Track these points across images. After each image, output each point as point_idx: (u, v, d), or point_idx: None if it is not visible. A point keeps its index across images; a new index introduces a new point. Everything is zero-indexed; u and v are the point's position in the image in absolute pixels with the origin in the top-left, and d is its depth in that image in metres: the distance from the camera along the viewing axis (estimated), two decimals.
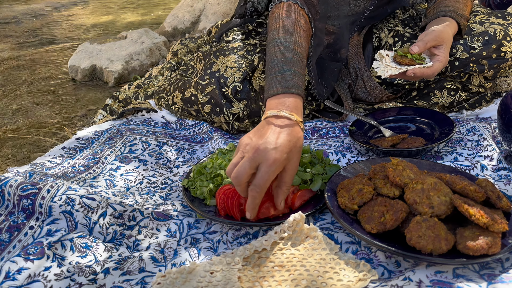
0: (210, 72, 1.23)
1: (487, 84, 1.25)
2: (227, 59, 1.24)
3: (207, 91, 1.22)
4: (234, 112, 1.20)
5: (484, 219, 0.68)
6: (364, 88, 1.29)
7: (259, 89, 1.22)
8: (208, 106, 1.23)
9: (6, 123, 1.59)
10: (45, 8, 3.70)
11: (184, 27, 2.51)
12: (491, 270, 0.68)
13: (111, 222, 0.87)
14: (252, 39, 1.31)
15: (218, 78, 1.21)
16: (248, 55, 1.24)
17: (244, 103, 1.20)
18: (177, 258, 0.81)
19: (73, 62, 2.02)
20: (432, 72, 1.04)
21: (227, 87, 1.20)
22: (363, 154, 1.10)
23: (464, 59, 1.19)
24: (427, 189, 0.74)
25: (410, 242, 0.69)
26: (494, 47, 1.17)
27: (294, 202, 0.88)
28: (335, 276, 0.69)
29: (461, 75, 1.22)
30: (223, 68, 1.22)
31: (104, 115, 1.48)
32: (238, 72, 1.20)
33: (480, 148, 1.03)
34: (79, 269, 0.76)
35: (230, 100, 1.20)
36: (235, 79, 1.19)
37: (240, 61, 1.23)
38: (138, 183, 1.06)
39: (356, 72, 1.30)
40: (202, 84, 1.23)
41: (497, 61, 1.19)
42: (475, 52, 1.18)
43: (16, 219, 0.87)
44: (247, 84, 1.21)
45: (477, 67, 1.19)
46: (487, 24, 1.20)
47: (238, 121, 1.22)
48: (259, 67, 1.22)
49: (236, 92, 1.19)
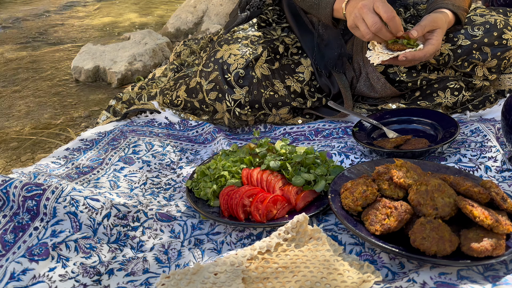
0: (214, 59, 1.26)
1: (491, 76, 1.25)
2: (231, 47, 1.26)
3: (211, 78, 1.24)
4: (235, 98, 1.21)
5: (489, 220, 0.68)
6: (368, 82, 1.30)
7: (261, 77, 1.23)
8: (213, 93, 1.24)
9: (10, 124, 1.59)
10: (48, 9, 3.71)
11: (187, 28, 2.51)
12: (496, 272, 0.68)
13: (115, 223, 0.87)
14: (256, 32, 1.34)
15: (221, 64, 1.23)
16: (252, 45, 1.27)
17: (246, 89, 1.21)
18: (181, 259, 0.82)
19: (76, 63, 2.02)
20: (423, 54, 1.05)
21: (230, 73, 1.22)
22: (366, 155, 1.10)
23: (466, 46, 1.20)
24: (431, 191, 0.74)
25: (414, 243, 0.69)
26: (496, 34, 1.19)
27: (298, 203, 0.88)
28: (339, 278, 0.69)
29: (465, 65, 1.22)
30: (227, 55, 1.24)
31: (108, 116, 1.48)
32: (241, 59, 1.23)
33: (484, 149, 1.02)
34: (83, 270, 0.76)
35: (232, 86, 1.21)
36: (238, 65, 1.22)
37: (244, 49, 1.26)
38: (141, 184, 1.06)
39: (360, 67, 1.31)
40: (206, 71, 1.26)
41: (499, 49, 1.20)
42: (477, 39, 1.20)
43: (21, 220, 0.87)
44: (249, 71, 1.23)
45: (480, 55, 1.21)
46: (488, 16, 1.22)
47: (240, 108, 1.23)
48: (262, 56, 1.25)
49: (238, 78, 1.21)
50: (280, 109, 1.26)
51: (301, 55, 1.34)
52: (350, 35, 1.33)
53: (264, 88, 1.23)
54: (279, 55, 1.30)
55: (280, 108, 1.26)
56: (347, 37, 1.33)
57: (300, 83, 1.29)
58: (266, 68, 1.24)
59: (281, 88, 1.25)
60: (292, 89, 1.27)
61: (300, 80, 1.29)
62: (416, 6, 1.40)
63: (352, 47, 1.32)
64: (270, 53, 1.27)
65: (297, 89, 1.28)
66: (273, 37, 1.33)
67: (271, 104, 1.25)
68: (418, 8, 1.39)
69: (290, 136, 1.24)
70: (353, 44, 1.32)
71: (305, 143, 1.20)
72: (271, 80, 1.25)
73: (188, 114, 1.37)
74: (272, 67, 1.26)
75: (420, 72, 1.26)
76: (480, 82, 1.25)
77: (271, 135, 1.27)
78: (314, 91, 1.31)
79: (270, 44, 1.29)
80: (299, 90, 1.28)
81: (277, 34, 1.34)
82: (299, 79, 1.29)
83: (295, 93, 1.28)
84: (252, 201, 0.86)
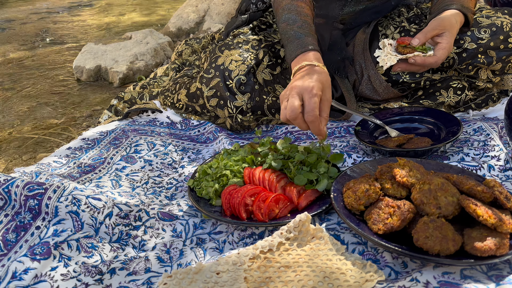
0: (215, 65, 1.24)
1: (495, 79, 1.24)
2: (232, 53, 1.25)
3: (212, 84, 1.23)
4: (237, 105, 1.21)
5: (492, 219, 0.68)
6: (370, 85, 1.29)
7: (263, 82, 1.22)
8: (214, 99, 1.23)
9: (12, 123, 1.60)
10: (50, 9, 3.71)
11: (189, 28, 2.51)
12: (499, 271, 0.68)
13: (117, 222, 0.87)
14: (257, 35, 1.32)
15: (222, 71, 1.22)
16: (253, 50, 1.26)
17: (247, 96, 1.20)
18: (183, 258, 0.81)
19: (78, 63, 2.03)
20: (435, 61, 1.03)
21: (231, 80, 1.21)
22: (368, 154, 1.10)
23: (472, 49, 1.19)
24: (434, 190, 0.74)
25: (417, 242, 0.69)
26: (502, 38, 1.18)
27: (300, 202, 0.88)
28: (341, 277, 0.69)
29: (469, 68, 1.21)
30: (228, 61, 1.23)
31: (110, 115, 1.48)
32: (243, 65, 1.21)
33: (487, 148, 1.02)
34: (85, 269, 0.76)
35: (234, 93, 1.21)
36: (240, 72, 1.21)
37: (245, 54, 1.24)
38: (143, 183, 1.06)
39: (362, 70, 1.30)
40: (207, 77, 1.24)
41: (505, 52, 1.19)
42: (483, 43, 1.19)
43: (23, 219, 0.87)
44: (251, 77, 1.22)
45: (485, 58, 1.20)
46: (494, 17, 1.21)
47: (242, 114, 1.22)
48: (263, 61, 1.23)
49: (240, 85, 1.20)
50: None
51: None
52: (351, 37, 1.32)
53: (266, 94, 1.22)
54: (280, 59, 1.29)
55: None
56: (348, 38, 1.32)
57: None
58: (268, 73, 1.24)
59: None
60: None
61: None
62: (419, 5, 1.39)
63: (353, 48, 1.31)
64: (271, 57, 1.26)
65: None
66: (274, 40, 1.32)
67: (273, 110, 1.24)
68: (421, 7, 1.38)
69: (292, 135, 1.24)
70: (354, 45, 1.31)
71: (307, 142, 1.20)
72: (273, 85, 1.24)
73: (190, 114, 1.36)
74: (273, 72, 1.25)
75: (423, 73, 1.26)
76: (483, 84, 1.24)
77: (273, 134, 1.27)
78: None
79: (271, 48, 1.29)
80: None
81: (278, 37, 1.34)
82: None
83: None
84: (254, 200, 0.86)
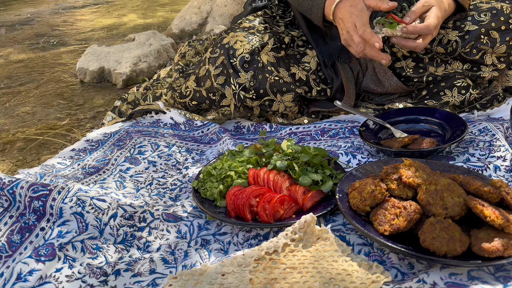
0: (220, 45, 1.28)
1: (501, 65, 1.23)
2: (238, 34, 1.29)
3: (218, 63, 1.26)
4: (240, 82, 1.23)
5: (499, 220, 0.67)
6: (375, 76, 1.30)
7: (267, 63, 1.24)
8: (221, 78, 1.26)
9: (16, 125, 1.60)
10: (53, 10, 3.72)
11: (192, 29, 2.51)
12: (507, 272, 0.67)
13: (121, 223, 0.87)
14: (262, 24, 1.36)
15: (227, 49, 1.25)
16: (259, 33, 1.29)
17: (251, 74, 1.23)
18: (188, 259, 0.81)
19: (81, 65, 2.03)
20: (425, 26, 1.07)
21: (235, 57, 1.24)
22: (373, 155, 1.10)
23: (474, 30, 1.19)
24: (440, 190, 0.73)
25: (424, 243, 0.68)
26: (503, 19, 1.18)
27: (305, 203, 0.87)
28: (347, 278, 0.69)
29: (474, 52, 1.21)
30: (233, 41, 1.27)
31: (113, 117, 1.48)
32: (248, 45, 1.25)
33: (493, 149, 1.01)
34: (90, 270, 0.76)
35: (237, 70, 1.23)
36: (244, 50, 1.24)
37: (250, 37, 1.28)
38: (148, 184, 1.05)
39: (367, 62, 1.31)
40: (213, 57, 1.28)
41: (508, 34, 1.19)
42: (484, 24, 1.19)
43: (27, 221, 0.87)
44: (255, 56, 1.24)
45: (489, 40, 1.19)
46: (493, 2, 1.22)
47: (245, 91, 1.23)
48: (268, 44, 1.26)
49: (243, 62, 1.23)
50: (285, 95, 1.25)
51: (307, 47, 1.34)
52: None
53: (269, 73, 1.24)
54: (284, 45, 1.31)
55: (285, 94, 1.25)
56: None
57: (306, 72, 1.30)
58: (272, 56, 1.26)
59: (286, 76, 1.25)
60: (297, 77, 1.28)
61: (307, 69, 1.30)
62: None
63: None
64: (276, 42, 1.29)
65: (302, 77, 1.29)
66: (278, 30, 1.35)
67: (275, 89, 1.25)
68: None
69: (296, 136, 1.24)
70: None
71: (311, 143, 1.20)
72: (276, 67, 1.26)
73: (194, 114, 1.36)
74: (277, 55, 1.27)
75: (427, 67, 1.25)
76: (488, 73, 1.23)
77: (277, 135, 1.27)
78: (319, 81, 1.32)
79: (276, 35, 1.31)
80: (304, 78, 1.29)
81: (282, 29, 1.36)
82: (305, 68, 1.30)
83: (300, 81, 1.28)
84: (259, 201, 0.86)
